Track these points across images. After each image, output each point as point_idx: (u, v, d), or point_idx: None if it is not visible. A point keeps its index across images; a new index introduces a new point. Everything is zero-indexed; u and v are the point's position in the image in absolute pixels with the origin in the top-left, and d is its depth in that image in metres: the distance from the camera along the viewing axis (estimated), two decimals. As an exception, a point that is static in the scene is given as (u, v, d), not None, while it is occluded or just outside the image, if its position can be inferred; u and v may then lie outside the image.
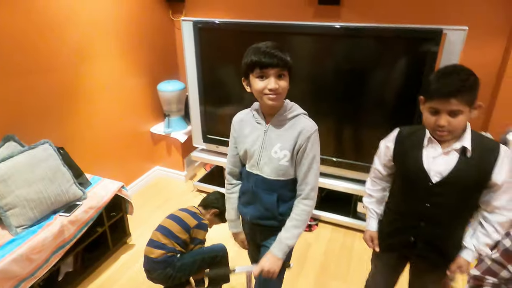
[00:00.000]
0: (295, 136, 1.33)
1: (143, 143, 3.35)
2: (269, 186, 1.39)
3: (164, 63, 3.43)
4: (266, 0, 3.01)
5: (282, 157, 1.35)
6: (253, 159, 1.41)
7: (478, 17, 2.45)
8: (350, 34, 2.34)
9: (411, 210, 1.38)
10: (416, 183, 1.33)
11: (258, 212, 1.45)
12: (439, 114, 1.19)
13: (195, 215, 2.01)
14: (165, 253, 1.86)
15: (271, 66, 1.23)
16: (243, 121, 1.47)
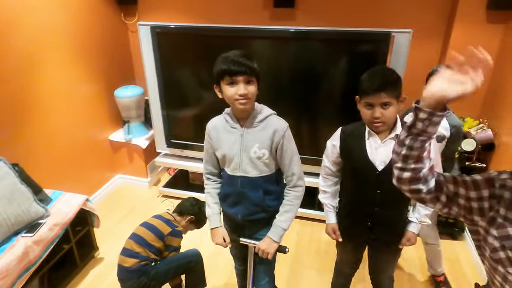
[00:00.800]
0: (271, 135, 1.45)
1: (102, 151, 3.23)
2: (255, 183, 1.50)
3: (119, 67, 3.31)
4: (222, 3, 3.04)
5: (262, 156, 1.47)
6: (234, 162, 1.49)
7: (420, 21, 2.71)
8: (305, 37, 2.47)
9: (364, 198, 1.53)
10: (364, 174, 1.49)
11: (247, 209, 1.55)
12: (373, 108, 1.38)
13: (169, 222, 2.00)
14: (138, 262, 1.84)
15: (240, 73, 1.32)
16: (217, 127, 1.52)
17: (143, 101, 3.24)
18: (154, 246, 1.90)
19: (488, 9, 2.47)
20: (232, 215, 1.62)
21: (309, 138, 2.82)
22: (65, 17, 2.63)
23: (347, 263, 1.88)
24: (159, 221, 1.99)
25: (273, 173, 1.54)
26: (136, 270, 1.84)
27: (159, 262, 1.92)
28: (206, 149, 1.59)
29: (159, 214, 2.06)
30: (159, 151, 3.19)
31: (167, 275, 1.94)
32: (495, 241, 0.87)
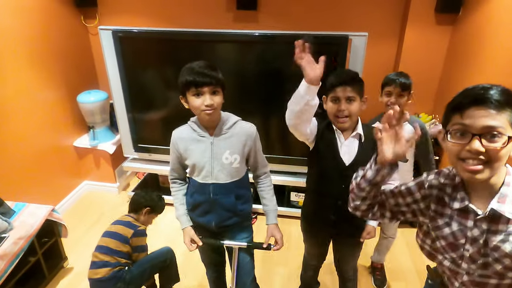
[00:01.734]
0: (243, 141, 1.53)
1: (67, 158, 3.14)
2: (226, 189, 1.56)
3: (81, 72, 3.23)
4: (186, 6, 3.04)
5: (233, 161, 1.53)
6: (205, 170, 1.53)
7: (376, 23, 2.85)
8: (268, 41, 2.53)
9: (330, 191, 1.62)
10: (332, 168, 1.58)
11: (220, 216, 1.60)
12: (339, 102, 1.48)
13: (130, 224, 1.99)
14: (111, 269, 1.85)
15: (205, 84, 1.36)
16: (184, 138, 1.54)
17: (107, 105, 3.18)
18: (121, 251, 1.90)
19: (436, 12, 2.65)
20: (205, 224, 1.64)
21: (276, 137, 2.90)
22: (19, 21, 2.53)
23: (314, 256, 1.98)
24: (120, 226, 1.97)
25: (243, 177, 1.61)
26: (111, 278, 1.84)
27: (132, 266, 1.94)
28: (172, 158, 1.61)
29: (117, 219, 2.05)
30: (126, 155, 3.16)
31: (142, 276, 1.96)
32: (432, 232, 1.01)
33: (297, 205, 3.02)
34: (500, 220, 0.90)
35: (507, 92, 0.82)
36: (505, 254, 0.90)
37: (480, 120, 0.81)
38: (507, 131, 0.81)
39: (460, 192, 0.95)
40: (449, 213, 0.97)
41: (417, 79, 2.89)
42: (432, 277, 1.22)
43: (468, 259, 0.96)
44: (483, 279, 0.97)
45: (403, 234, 2.83)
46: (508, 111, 0.81)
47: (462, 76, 2.54)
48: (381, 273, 2.43)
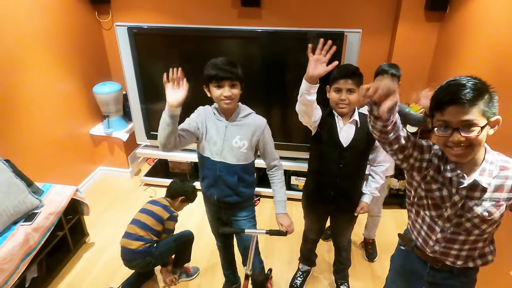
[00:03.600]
0: (253, 130, 1.75)
1: (84, 145, 3.39)
2: (231, 170, 1.77)
3: (95, 65, 3.46)
4: (193, 2, 3.25)
5: (242, 146, 1.75)
6: (216, 147, 1.74)
7: (371, 20, 3.07)
8: (271, 37, 2.75)
9: (329, 170, 1.87)
10: (331, 149, 1.83)
11: (222, 191, 1.82)
12: (341, 92, 1.72)
13: (167, 207, 2.28)
14: (143, 244, 2.13)
15: (225, 79, 1.61)
16: (208, 115, 1.77)
17: (121, 96, 3.41)
18: (155, 229, 2.18)
19: (426, 10, 2.87)
20: (209, 196, 1.88)
21: (278, 126, 3.14)
22: (43, 20, 2.76)
23: (313, 231, 2.25)
24: (158, 207, 2.25)
25: (249, 163, 1.83)
26: (142, 251, 2.13)
27: (160, 243, 2.21)
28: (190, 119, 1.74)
29: (155, 200, 2.32)
30: (139, 142, 3.40)
31: (168, 253, 2.27)
32: (422, 192, 1.25)
33: (297, 188, 3.27)
34: (477, 189, 1.15)
35: (478, 87, 1.01)
36: (476, 215, 1.16)
37: (457, 116, 1.02)
38: (480, 121, 1.02)
39: (450, 164, 1.16)
40: (442, 180, 1.19)
41: (409, 72, 3.14)
42: (405, 242, 1.45)
43: (445, 218, 1.21)
44: (454, 235, 1.23)
45: (393, 214, 3.10)
46: (479, 104, 1.01)
47: (448, 69, 2.77)
48: (372, 247, 2.70)
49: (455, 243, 1.24)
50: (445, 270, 1.33)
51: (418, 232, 1.34)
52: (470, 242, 1.23)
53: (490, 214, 1.14)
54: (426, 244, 1.31)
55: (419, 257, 1.38)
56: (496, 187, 1.13)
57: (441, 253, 1.28)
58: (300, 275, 2.44)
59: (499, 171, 1.13)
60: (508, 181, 1.13)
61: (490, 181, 1.13)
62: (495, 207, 1.14)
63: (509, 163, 1.15)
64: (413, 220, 1.36)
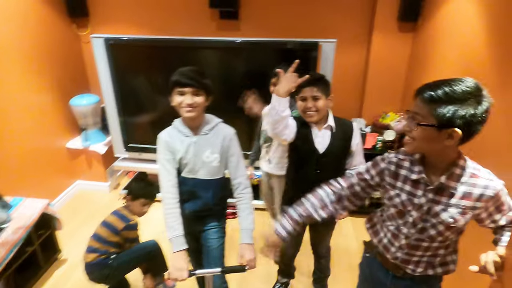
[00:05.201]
0: (221, 141, 1.69)
1: (60, 159, 3.32)
2: (206, 185, 1.72)
3: (73, 78, 3.43)
4: (172, 15, 3.28)
5: (213, 160, 1.69)
6: (188, 167, 1.69)
7: (346, 31, 3.13)
8: (248, 47, 2.78)
9: (306, 177, 1.84)
10: (308, 156, 1.82)
11: (197, 206, 1.75)
12: (306, 100, 1.72)
13: (123, 217, 2.14)
14: (98, 256, 2.04)
15: (187, 85, 1.56)
16: (171, 138, 1.68)
17: (99, 108, 3.38)
18: (111, 240, 2.08)
19: (399, 21, 2.94)
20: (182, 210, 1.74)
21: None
22: (19, 32, 2.74)
23: (290, 245, 2.15)
24: (114, 217, 2.13)
25: (222, 177, 1.77)
26: (97, 264, 2.04)
27: (121, 254, 2.12)
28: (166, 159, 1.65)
29: (116, 210, 2.21)
30: (117, 155, 3.35)
31: (128, 264, 2.15)
32: (386, 201, 1.24)
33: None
34: (444, 193, 1.12)
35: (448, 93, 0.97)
36: (441, 221, 1.13)
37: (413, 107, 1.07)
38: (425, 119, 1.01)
39: (417, 166, 1.15)
40: (400, 185, 1.18)
41: (385, 81, 3.19)
42: (369, 249, 1.42)
43: (410, 224, 1.19)
44: (418, 242, 1.21)
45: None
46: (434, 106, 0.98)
47: (422, 79, 2.82)
48: None
49: (418, 250, 1.22)
50: (407, 278, 1.30)
51: (379, 240, 1.33)
52: (432, 249, 1.21)
53: (455, 222, 1.11)
54: (387, 251, 1.29)
55: (382, 265, 1.36)
56: (464, 194, 1.09)
57: (402, 260, 1.26)
58: (279, 286, 2.38)
59: (469, 178, 1.09)
60: (476, 190, 1.08)
61: (457, 186, 1.10)
62: (461, 214, 1.10)
63: (480, 172, 1.11)
64: (378, 228, 1.35)
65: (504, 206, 1.12)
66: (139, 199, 2.20)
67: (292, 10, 3.12)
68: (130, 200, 2.20)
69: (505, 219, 1.14)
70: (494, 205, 1.11)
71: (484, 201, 1.08)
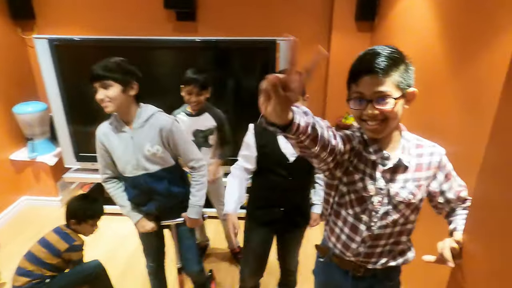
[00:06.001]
0: (158, 132, 1.56)
1: (3, 173, 3.03)
2: (158, 177, 1.61)
3: (18, 83, 3.17)
4: (126, 18, 3.12)
5: (156, 151, 1.58)
6: (131, 164, 1.58)
7: (305, 30, 3.11)
8: (205, 47, 2.68)
9: (277, 185, 1.69)
10: (277, 163, 1.67)
11: (160, 201, 1.67)
12: None
13: (67, 236, 1.91)
14: (30, 280, 1.81)
15: (94, 79, 1.44)
16: (108, 134, 1.59)
17: (47, 116, 3.13)
18: (49, 263, 1.85)
19: (356, 20, 2.95)
20: (147, 211, 1.70)
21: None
22: None
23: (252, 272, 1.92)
24: (56, 237, 1.90)
25: (174, 164, 1.67)
26: None
27: (57, 277, 1.88)
28: (101, 155, 1.63)
29: (58, 227, 1.98)
30: (68, 166, 3.10)
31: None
32: (344, 187, 1.11)
33: (242, 206, 3.10)
34: (399, 169, 1.06)
35: (392, 57, 0.94)
36: (402, 200, 1.06)
37: (371, 87, 0.94)
38: (394, 93, 0.94)
39: (373, 145, 1.05)
40: (362, 168, 1.07)
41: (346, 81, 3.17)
42: (323, 253, 1.28)
43: (371, 211, 1.09)
44: (381, 230, 1.10)
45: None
46: (393, 75, 0.93)
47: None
48: None
49: (381, 239, 1.12)
50: (368, 276, 1.20)
51: (337, 237, 1.19)
52: (395, 235, 1.13)
53: (414, 196, 1.07)
54: (347, 248, 1.17)
55: (339, 267, 1.24)
56: (416, 166, 1.07)
57: (365, 254, 1.15)
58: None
59: (415, 149, 1.09)
60: (424, 159, 1.08)
61: (410, 160, 1.06)
62: (417, 187, 1.07)
63: (422, 141, 1.11)
64: (332, 225, 1.21)
65: (451, 174, 1.11)
66: (86, 222, 1.98)
67: (251, 11, 3.06)
68: (75, 224, 1.96)
69: (453, 192, 1.10)
70: (443, 173, 1.10)
71: (433, 168, 1.08)
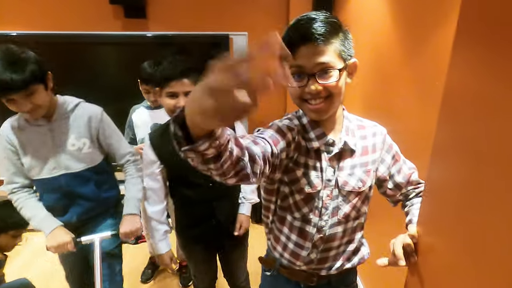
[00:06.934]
0: (86, 122, 1.36)
1: None
2: (82, 178, 1.38)
3: None
4: (68, 13, 2.87)
5: (83, 146, 1.36)
6: (50, 162, 1.34)
7: (259, 26, 2.98)
8: (154, 42, 2.52)
9: (197, 196, 1.43)
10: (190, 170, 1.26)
11: (83, 207, 1.41)
12: (177, 97, 1.28)
13: None
14: None
15: (10, 91, 1.15)
16: (17, 128, 1.33)
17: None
18: None
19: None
20: (65, 222, 1.40)
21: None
22: None
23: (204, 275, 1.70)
24: None
25: (101, 161, 1.44)
26: None
27: None
28: (8, 158, 1.34)
29: None
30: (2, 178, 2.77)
31: None
32: (286, 187, 0.93)
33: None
34: (345, 155, 0.91)
35: (330, 22, 0.81)
36: (351, 189, 0.91)
37: (311, 59, 0.79)
38: (337, 64, 0.81)
39: (315, 130, 0.90)
40: (303, 161, 0.90)
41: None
42: (269, 265, 1.10)
43: (320, 209, 0.92)
44: (332, 229, 0.95)
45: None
46: (333, 43, 0.81)
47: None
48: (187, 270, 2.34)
49: (334, 240, 0.96)
50: (322, 284, 1.04)
51: (284, 246, 1.01)
52: (348, 232, 0.98)
53: (363, 184, 0.93)
54: (297, 257, 0.99)
55: (289, 279, 1.06)
56: (362, 150, 0.94)
57: (318, 260, 0.99)
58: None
59: (357, 129, 0.95)
60: (368, 141, 0.95)
61: (356, 142, 0.93)
62: (366, 173, 0.94)
63: (363, 122, 0.99)
64: (276, 233, 1.02)
65: (399, 155, 1.00)
66: (7, 233, 1.72)
67: (205, 7, 2.90)
68: None
69: (403, 176, 0.98)
70: (389, 154, 0.98)
71: (378, 150, 0.97)
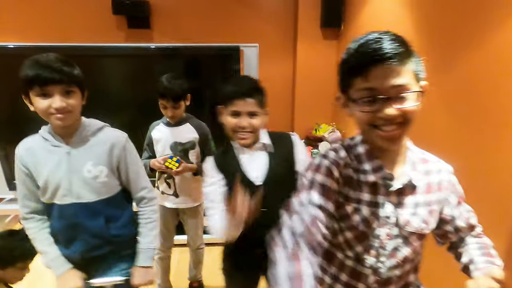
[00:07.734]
0: (108, 149, 1.26)
1: None
2: (93, 210, 1.26)
3: None
4: (71, 23, 2.80)
5: (99, 174, 1.25)
6: (62, 188, 1.23)
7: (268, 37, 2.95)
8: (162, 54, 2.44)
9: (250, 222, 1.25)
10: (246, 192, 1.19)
11: (87, 244, 1.28)
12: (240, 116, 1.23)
13: None
14: None
15: (54, 82, 1.11)
16: (33, 149, 1.24)
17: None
18: None
19: (322, 28, 2.84)
20: (69, 256, 1.30)
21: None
22: None
23: None
24: None
25: (117, 193, 1.33)
26: None
27: None
28: (22, 181, 1.25)
29: None
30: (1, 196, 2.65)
31: None
32: (335, 224, 0.84)
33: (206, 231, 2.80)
34: (407, 191, 0.82)
35: (402, 40, 0.73)
36: (414, 230, 0.82)
37: (386, 80, 0.70)
38: (413, 86, 0.72)
39: (372, 161, 0.81)
40: (355, 195, 0.82)
41: (314, 91, 3.04)
42: None
43: (377, 248, 0.83)
44: (390, 271, 0.84)
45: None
46: (409, 63, 0.71)
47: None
48: None
49: (391, 284, 0.86)
50: None
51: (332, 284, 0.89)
52: (404, 276, 0.87)
53: (427, 225, 0.83)
54: None
55: None
56: (426, 186, 0.83)
57: None
58: None
59: (421, 164, 0.84)
60: (432, 177, 0.85)
61: (421, 178, 0.83)
62: (429, 213, 0.83)
63: (426, 155, 0.88)
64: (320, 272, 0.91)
65: (462, 198, 0.90)
66: (14, 265, 1.59)
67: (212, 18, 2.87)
68: None
69: (463, 219, 0.88)
70: (456, 196, 0.88)
71: (444, 189, 0.86)
